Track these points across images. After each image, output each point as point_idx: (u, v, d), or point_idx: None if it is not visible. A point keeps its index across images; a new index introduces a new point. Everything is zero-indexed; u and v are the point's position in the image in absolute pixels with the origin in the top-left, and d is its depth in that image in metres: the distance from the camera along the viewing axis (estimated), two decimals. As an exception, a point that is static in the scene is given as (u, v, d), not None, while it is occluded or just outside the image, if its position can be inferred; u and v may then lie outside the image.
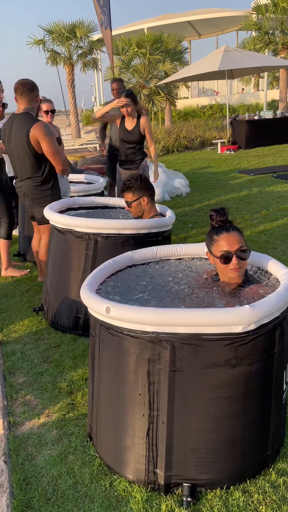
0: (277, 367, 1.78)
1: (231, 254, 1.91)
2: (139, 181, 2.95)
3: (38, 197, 3.58)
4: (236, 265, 1.91)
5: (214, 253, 1.96)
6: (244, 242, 1.94)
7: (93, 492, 1.82)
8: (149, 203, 3.04)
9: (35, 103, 3.53)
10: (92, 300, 1.78)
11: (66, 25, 17.27)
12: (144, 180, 2.97)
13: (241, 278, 1.99)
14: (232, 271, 1.92)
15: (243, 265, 1.94)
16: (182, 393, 1.67)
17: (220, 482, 1.77)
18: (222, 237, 1.93)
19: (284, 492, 1.76)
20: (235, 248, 1.91)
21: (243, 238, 1.97)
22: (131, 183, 2.95)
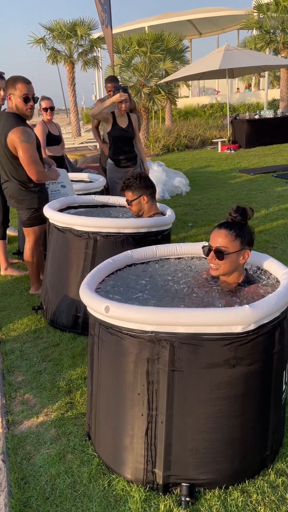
0: (277, 367, 1.78)
1: (211, 248, 1.96)
2: (138, 180, 2.94)
3: (23, 199, 3.48)
4: (210, 259, 1.96)
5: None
6: (230, 244, 1.93)
7: (92, 491, 1.81)
8: (149, 201, 3.03)
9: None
10: (91, 299, 1.78)
11: (67, 23, 17.24)
12: (144, 179, 2.96)
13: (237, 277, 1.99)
14: (209, 266, 1.99)
15: (220, 265, 1.95)
16: (181, 393, 1.67)
17: (218, 482, 1.77)
18: (213, 231, 1.99)
19: (282, 493, 1.76)
20: (215, 245, 1.95)
21: (237, 241, 1.95)
22: (130, 182, 2.95)
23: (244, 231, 1.98)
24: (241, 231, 1.98)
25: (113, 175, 4.76)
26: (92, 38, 17.72)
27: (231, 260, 1.95)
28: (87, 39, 17.72)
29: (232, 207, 2.02)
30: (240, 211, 1.98)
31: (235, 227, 1.97)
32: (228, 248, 1.93)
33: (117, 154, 4.69)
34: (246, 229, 1.99)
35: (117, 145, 4.65)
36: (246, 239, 1.98)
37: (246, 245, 1.98)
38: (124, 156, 4.71)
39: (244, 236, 1.98)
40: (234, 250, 1.94)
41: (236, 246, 1.95)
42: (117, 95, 4.37)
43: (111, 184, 4.81)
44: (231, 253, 1.93)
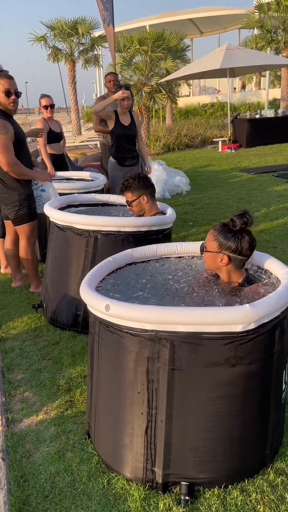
0: (277, 366, 1.78)
1: (202, 245, 2.04)
2: (137, 180, 2.93)
3: (5, 196, 3.46)
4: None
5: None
6: (209, 242, 1.99)
7: (91, 489, 1.81)
8: (149, 201, 3.02)
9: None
10: (92, 297, 1.78)
11: (68, 22, 17.21)
12: (143, 179, 2.95)
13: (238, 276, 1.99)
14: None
15: (205, 258, 2.02)
16: (181, 392, 1.67)
17: (218, 481, 1.77)
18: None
19: (282, 492, 1.76)
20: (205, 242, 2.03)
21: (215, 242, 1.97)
22: (129, 183, 2.94)
23: (229, 236, 1.95)
24: (225, 236, 1.96)
25: (115, 174, 4.71)
26: (93, 36, 17.69)
27: (210, 258, 2.01)
28: (88, 38, 17.69)
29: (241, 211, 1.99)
30: (235, 217, 1.96)
31: (222, 230, 1.97)
32: (207, 246, 2.01)
33: (119, 153, 4.65)
34: (234, 235, 1.95)
35: (120, 143, 4.61)
36: (226, 244, 1.95)
37: (225, 250, 1.95)
38: (127, 155, 4.67)
39: (226, 239, 1.95)
40: (210, 249, 2.00)
41: (213, 247, 1.98)
42: (119, 92, 4.35)
43: (113, 183, 4.78)
44: (206, 251, 2.01)
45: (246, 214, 1.95)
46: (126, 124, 4.57)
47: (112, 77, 5.29)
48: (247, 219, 1.94)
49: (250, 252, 1.97)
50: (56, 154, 5.25)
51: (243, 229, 1.95)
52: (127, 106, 4.45)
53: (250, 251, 1.97)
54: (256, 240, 2.00)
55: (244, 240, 1.94)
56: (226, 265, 1.96)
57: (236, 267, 1.97)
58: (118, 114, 4.52)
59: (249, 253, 1.97)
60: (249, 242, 1.96)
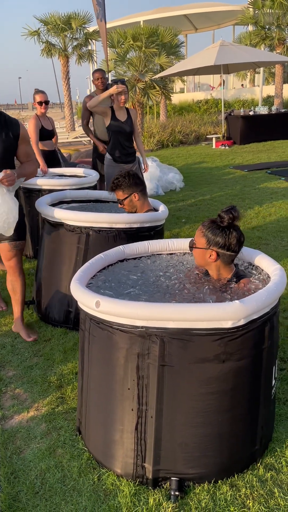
0: (266, 362, 1.79)
1: (191, 242, 2.05)
2: (127, 178, 2.91)
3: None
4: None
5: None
6: (197, 239, 2.00)
7: (81, 485, 1.82)
8: (140, 198, 3.01)
9: None
10: (82, 294, 1.77)
11: (62, 16, 17.08)
12: (133, 177, 2.93)
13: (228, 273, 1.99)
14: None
15: (194, 254, 2.03)
16: (171, 388, 1.67)
17: (208, 476, 1.78)
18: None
19: (271, 487, 1.77)
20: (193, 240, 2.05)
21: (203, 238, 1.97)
22: (119, 181, 2.92)
23: (218, 232, 1.95)
24: (213, 232, 1.95)
25: (111, 170, 4.62)
26: (87, 31, 17.57)
27: (199, 254, 2.01)
28: (82, 33, 17.58)
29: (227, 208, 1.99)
30: (223, 213, 1.95)
31: (210, 226, 1.97)
32: (196, 243, 2.02)
33: (116, 149, 4.56)
34: (221, 231, 1.94)
35: (116, 139, 4.54)
36: (213, 240, 1.95)
37: (214, 245, 1.95)
38: (123, 151, 4.60)
39: (213, 235, 1.95)
40: (199, 246, 2.00)
41: (201, 243, 1.99)
42: (114, 87, 4.30)
43: (108, 180, 4.72)
44: (195, 247, 2.02)
45: (233, 210, 1.94)
46: (122, 120, 4.51)
47: (100, 74, 5.23)
48: (234, 214, 1.93)
49: (238, 248, 1.97)
50: (48, 150, 5.22)
51: (230, 224, 1.95)
52: (125, 100, 4.41)
53: (239, 247, 1.97)
54: (244, 236, 2.00)
55: (232, 235, 1.94)
56: (214, 261, 1.96)
57: (225, 263, 1.97)
58: (114, 110, 4.48)
59: (237, 248, 1.97)
60: (237, 238, 1.95)
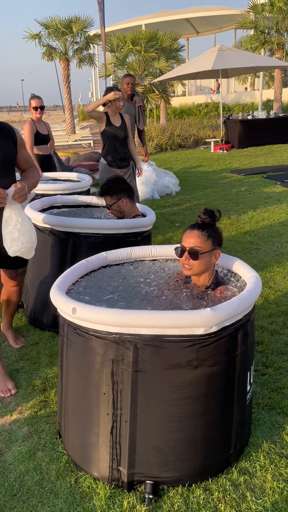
0: (240, 368, 1.82)
1: (184, 249, 2.00)
2: (115, 184, 2.97)
3: None
4: (184, 260, 2.01)
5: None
6: (203, 244, 1.99)
7: (59, 488, 1.85)
8: (128, 204, 3.06)
9: None
10: (60, 300, 1.81)
11: (63, 20, 17.18)
12: (121, 182, 2.99)
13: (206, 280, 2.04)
14: (183, 267, 2.04)
15: (193, 265, 2.00)
16: (145, 393, 1.71)
17: (182, 480, 1.81)
18: (186, 232, 2.04)
19: (244, 491, 1.81)
20: (188, 245, 1.99)
21: (209, 241, 2.00)
22: (108, 187, 2.98)
23: (214, 231, 2.04)
24: (212, 232, 2.04)
25: (105, 175, 4.71)
26: (88, 35, 17.67)
27: (204, 260, 2.01)
28: (83, 36, 17.67)
29: (202, 210, 2.07)
30: (209, 213, 2.03)
31: (206, 228, 2.02)
32: (201, 248, 1.99)
33: (110, 154, 4.67)
34: (215, 229, 2.05)
35: (111, 144, 4.65)
36: (217, 239, 2.05)
37: (217, 245, 2.05)
38: (117, 156, 4.70)
39: (215, 236, 2.04)
40: (207, 249, 2.00)
41: (209, 246, 2.01)
42: (111, 93, 4.39)
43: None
44: (204, 253, 1.99)
45: (214, 211, 2.05)
46: (117, 125, 4.61)
47: (131, 79, 5.32)
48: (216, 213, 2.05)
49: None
50: (43, 155, 5.27)
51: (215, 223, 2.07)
52: (119, 107, 4.51)
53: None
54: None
55: (220, 231, 2.07)
56: (217, 259, 2.06)
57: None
58: (109, 115, 4.56)
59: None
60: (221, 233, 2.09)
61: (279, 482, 1.83)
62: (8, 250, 2.22)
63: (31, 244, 2.25)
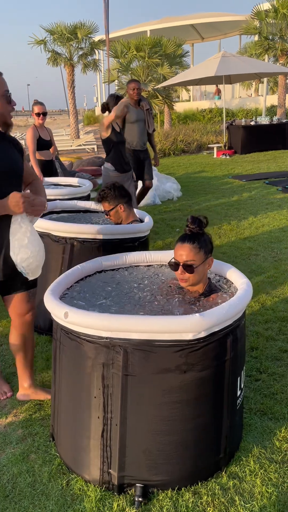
0: (230, 373, 1.85)
1: (178, 264, 2.00)
2: (113, 190, 3.02)
3: None
4: (180, 274, 2.01)
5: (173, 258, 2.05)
6: (196, 256, 1.99)
7: (50, 490, 1.88)
8: (126, 209, 3.10)
9: None
10: (53, 304, 1.85)
11: (68, 26, 17.34)
12: (118, 189, 3.04)
13: (201, 287, 2.06)
14: (179, 280, 2.03)
15: (189, 278, 2.00)
16: (134, 397, 1.74)
17: (171, 483, 1.83)
18: (177, 245, 2.04)
19: (233, 495, 1.82)
20: (182, 260, 1.99)
21: (201, 252, 2.01)
22: (105, 193, 3.03)
23: (204, 240, 2.06)
24: (203, 242, 2.05)
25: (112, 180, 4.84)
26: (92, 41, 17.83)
27: (199, 271, 2.03)
28: (88, 42, 17.82)
29: (188, 218, 2.08)
30: (197, 222, 2.04)
31: (196, 238, 2.03)
32: (195, 261, 2.00)
33: (117, 159, 4.89)
34: (205, 237, 2.06)
35: (117, 149, 4.86)
36: (208, 248, 2.07)
37: (209, 253, 2.07)
38: (123, 161, 4.95)
39: (206, 245, 2.06)
40: (200, 261, 2.02)
41: (202, 257, 2.02)
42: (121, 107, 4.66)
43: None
44: (199, 265, 2.00)
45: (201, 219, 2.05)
46: (118, 130, 4.90)
47: (136, 85, 5.42)
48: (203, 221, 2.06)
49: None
50: (45, 160, 5.34)
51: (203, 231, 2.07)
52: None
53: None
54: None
55: (209, 238, 2.08)
56: (211, 266, 2.10)
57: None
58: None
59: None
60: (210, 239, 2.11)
61: (268, 486, 1.85)
62: (16, 257, 2.07)
63: (39, 257, 2.12)
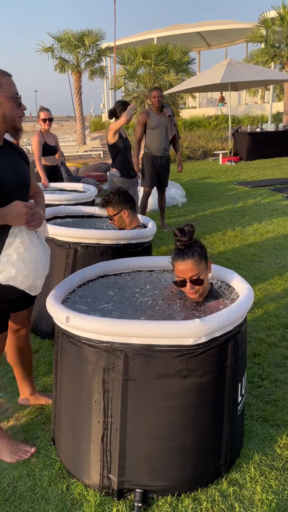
0: (230, 379, 1.85)
1: (185, 281, 1.99)
2: (117, 196, 3.04)
3: None
4: (189, 290, 1.99)
5: (175, 275, 2.03)
6: (199, 268, 1.96)
7: (50, 494, 1.88)
8: (130, 215, 3.12)
9: None
10: (55, 309, 1.86)
11: (75, 33, 17.52)
12: (123, 194, 3.06)
13: (202, 297, 2.06)
14: (189, 295, 2.01)
15: (199, 289, 2.00)
16: (134, 402, 1.74)
17: (171, 489, 1.83)
18: (177, 263, 1.99)
19: (232, 502, 1.82)
20: (189, 276, 1.97)
21: (202, 261, 1.99)
22: (110, 198, 3.05)
23: (199, 248, 2.02)
24: (199, 251, 2.01)
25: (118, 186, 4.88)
26: (100, 48, 17.98)
27: (206, 280, 2.04)
28: (95, 49, 17.99)
29: (175, 233, 2.00)
30: (188, 233, 1.99)
31: (193, 250, 1.99)
32: (200, 272, 1.98)
33: (123, 165, 4.97)
34: (197, 245, 2.02)
35: (124, 155, 4.93)
36: (204, 254, 2.04)
37: (207, 259, 2.05)
38: (129, 167, 5.03)
39: (202, 253, 2.02)
40: (204, 270, 2.01)
41: (204, 266, 2.01)
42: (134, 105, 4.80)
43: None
44: (205, 276, 2.01)
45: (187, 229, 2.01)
46: (124, 136, 5.01)
47: (158, 93, 5.54)
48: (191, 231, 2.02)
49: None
50: (50, 165, 5.37)
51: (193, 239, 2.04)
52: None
53: None
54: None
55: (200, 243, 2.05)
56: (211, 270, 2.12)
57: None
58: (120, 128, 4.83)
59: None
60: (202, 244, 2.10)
61: (268, 494, 1.84)
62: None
63: (34, 275, 1.85)
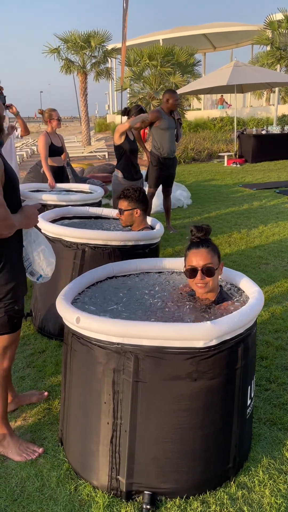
0: (240, 382, 1.84)
1: (196, 269, 1.99)
2: (137, 193, 3.06)
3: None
4: (200, 280, 2.00)
5: (185, 266, 2.05)
6: (212, 259, 2.00)
7: (58, 495, 1.88)
8: (141, 216, 3.13)
9: None
10: (65, 309, 1.86)
11: (81, 35, 17.57)
12: (142, 194, 3.08)
13: (212, 295, 2.06)
14: (198, 287, 2.01)
15: (209, 282, 2.00)
16: (144, 403, 1.74)
17: (180, 492, 1.82)
18: (191, 252, 2.03)
19: (241, 505, 1.81)
20: (201, 264, 1.99)
21: (216, 256, 2.04)
22: (129, 193, 3.06)
23: (214, 245, 2.08)
24: (214, 246, 2.07)
25: (119, 188, 4.86)
26: (106, 49, 18.03)
27: (217, 274, 2.04)
28: (101, 51, 18.04)
29: (191, 229, 2.07)
30: (205, 229, 2.06)
31: (209, 243, 2.05)
32: (213, 264, 2.01)
33: (128, 167, 4.97)
34: (212, 242, 2.08)
35: (128, 158, 4.92)
36: (218, 253, 2.09)
37: (220, 259, 2.09)
38: (134, 169, 5.02)
39: (216, 249, 2.08)
40: (217, 265, 2.04)
41: (217, 261, 2.05)
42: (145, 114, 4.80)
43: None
44: (216, 272, 2.02)
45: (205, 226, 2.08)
46: (132, 138, 4.97)
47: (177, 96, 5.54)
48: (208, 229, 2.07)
49: None
50: (57, 166, 5.38)
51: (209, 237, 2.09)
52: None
53: None
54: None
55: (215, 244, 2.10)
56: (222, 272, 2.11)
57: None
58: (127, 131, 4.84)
59: None
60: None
61: (277, 497, 1.84)
62: (45, 270, 2.07)
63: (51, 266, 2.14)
